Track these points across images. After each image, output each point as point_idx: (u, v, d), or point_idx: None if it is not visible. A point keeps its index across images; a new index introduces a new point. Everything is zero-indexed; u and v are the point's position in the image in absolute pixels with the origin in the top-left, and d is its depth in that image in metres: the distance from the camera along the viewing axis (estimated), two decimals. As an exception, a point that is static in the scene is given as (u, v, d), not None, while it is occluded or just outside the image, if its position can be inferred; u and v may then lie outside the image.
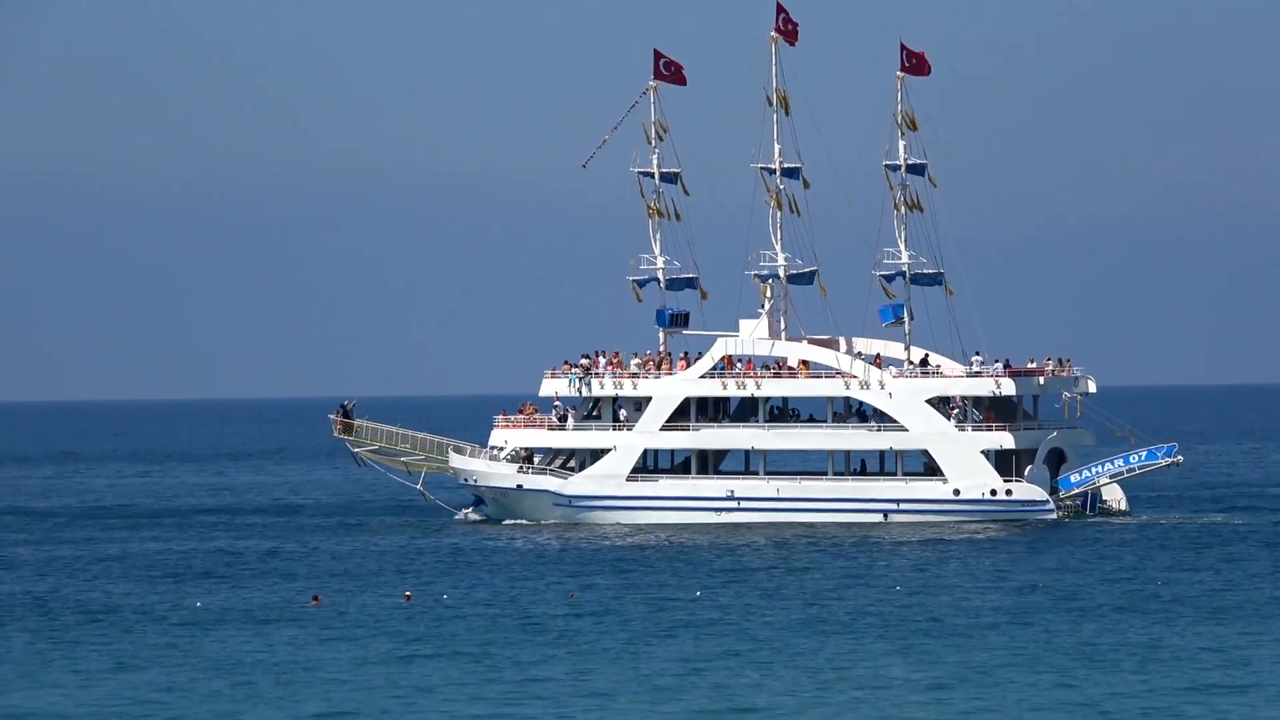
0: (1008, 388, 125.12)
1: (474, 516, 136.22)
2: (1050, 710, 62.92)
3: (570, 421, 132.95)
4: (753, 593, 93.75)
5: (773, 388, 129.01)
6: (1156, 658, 72.21)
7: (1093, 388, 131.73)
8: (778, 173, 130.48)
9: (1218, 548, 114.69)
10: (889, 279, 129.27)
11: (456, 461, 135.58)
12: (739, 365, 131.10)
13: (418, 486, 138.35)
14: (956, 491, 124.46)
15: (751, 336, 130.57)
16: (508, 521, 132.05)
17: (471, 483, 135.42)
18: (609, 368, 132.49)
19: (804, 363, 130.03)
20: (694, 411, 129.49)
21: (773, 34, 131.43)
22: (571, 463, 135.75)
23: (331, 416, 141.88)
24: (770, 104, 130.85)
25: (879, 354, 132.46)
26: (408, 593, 60.42)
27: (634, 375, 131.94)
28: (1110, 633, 78.51)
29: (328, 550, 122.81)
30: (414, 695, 68.44)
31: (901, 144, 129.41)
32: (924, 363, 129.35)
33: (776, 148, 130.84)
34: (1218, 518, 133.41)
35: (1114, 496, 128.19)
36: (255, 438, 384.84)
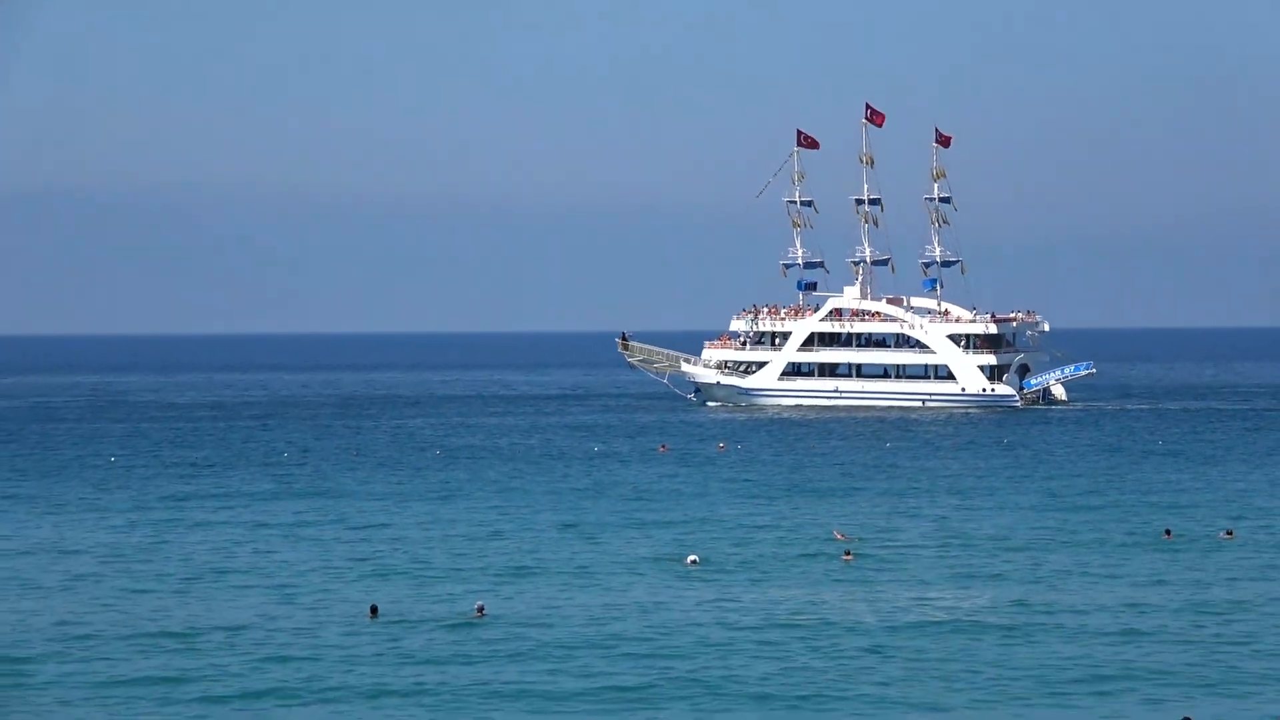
0: (993, 328, 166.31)
1: (694, 399, 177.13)
2: (1014, 494, 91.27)
3: (747, 345, 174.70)
4: (842, 445, 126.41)
5: (861, 327, 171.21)
6: (1060, 458, 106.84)
7: (1047, 327, 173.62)
8: (865, 202, 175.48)
9: (1113, 418, 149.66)
10: (927, 265, 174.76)
11: (685, 367, 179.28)
12: (844, 314, 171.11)
13: (664, 381, 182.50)
14: (963, 389, 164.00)
15: (850, 297, 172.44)
16: (710, 403, 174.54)
17: (692, 380, 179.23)
18: (769, 314, 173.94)
19: (878, 313, 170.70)
20: (816, 341, 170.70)
21: (864, 120, 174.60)
22: (747, 369, 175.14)
23: (617, 340, 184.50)
24: (862, 162, 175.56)
25: (928, 310, 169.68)
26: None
27: (782, 319, 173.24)
28: (1044, 459, 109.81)
29: (614, 417, 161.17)
30: (660, 480, 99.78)
31: (935, 186, 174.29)
32: (946, 314, 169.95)
33: (865, 187, 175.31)
34: (1115, 405, 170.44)
35: (1058, 392, 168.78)
36: (585, 353, 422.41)
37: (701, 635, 53.09)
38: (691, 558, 67.76)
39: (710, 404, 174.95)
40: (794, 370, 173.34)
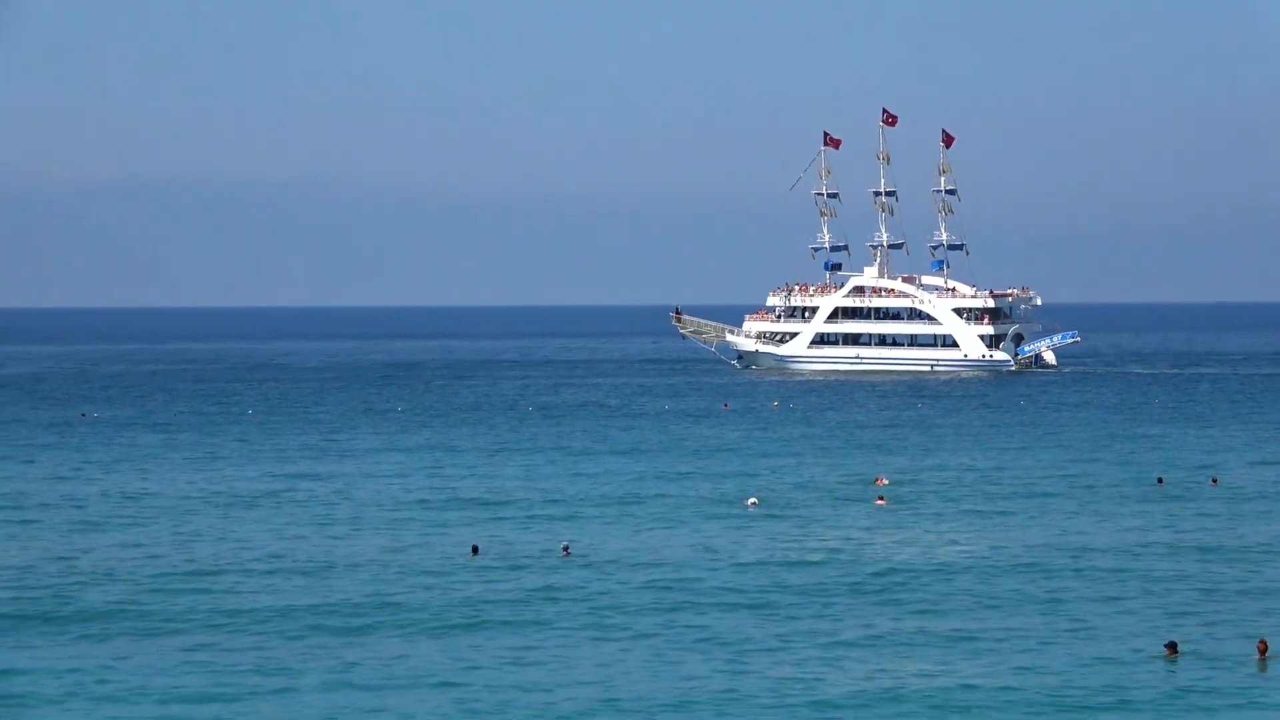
0: (991, 302, 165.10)
1: (737, 365, 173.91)
2: (1009, 429, 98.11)
3: (781, 318, 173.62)
4: (863, 404, 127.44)
5: (879, 302, 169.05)
6: (1065, 416, 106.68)
7: (1039, 301, 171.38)
8: (882, 194, 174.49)
9: (1101, 380, 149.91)
10: (935, 248, 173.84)
11: (729, 337, 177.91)
12: (865, 291, 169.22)
13: (712, 350, 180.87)
14: (966, 356, 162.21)
15: (870, 276, 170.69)
16: (752, 368, 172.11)
17: (735, 348, 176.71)
18: (800, 291, 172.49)
19: (894, 290, 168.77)
20: (841, 314, 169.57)
21: (880, 122, 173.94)
22: (781, 338, 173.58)
23: (671, 314, 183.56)
24: (879, 159, 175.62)
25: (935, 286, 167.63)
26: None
27: (811, 295, 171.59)
28: (1051, 417, 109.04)
29: (679, 380, 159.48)
30: (710, 430, 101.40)
31: (941, 179, 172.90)
32: (952, 290, 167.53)
33: (882, 181, 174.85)
34: (1102, 369, 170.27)
35: (1049, 357, 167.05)
36: (644, 324, 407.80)
37: (759, 568, 52.14)
38: (751, 500, 66.58)
39: (752, 369, 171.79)
40: (821, 340, 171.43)
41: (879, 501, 67.45)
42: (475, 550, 55.32)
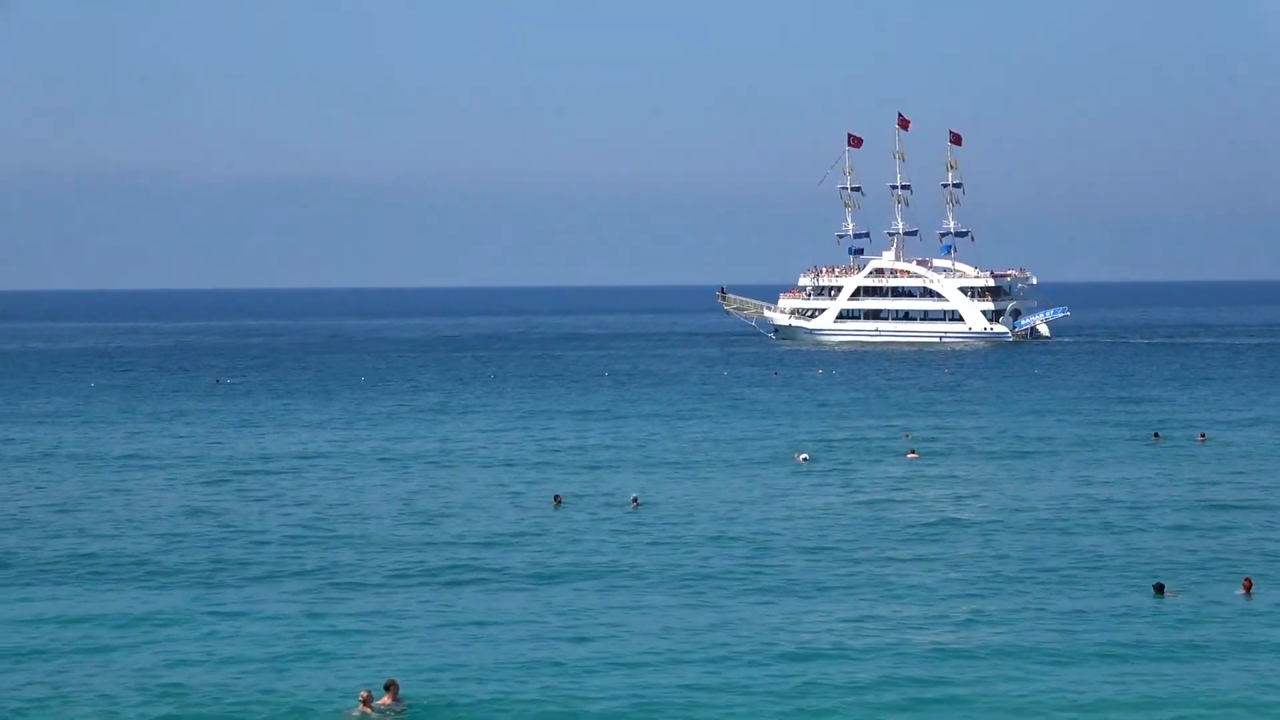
0: (992, 282, 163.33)
1: (773, 338, 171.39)
2: (1025, 392, 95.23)
3: (811, 296, 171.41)
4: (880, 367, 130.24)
5: (895, 282, 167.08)
6: (1069, 380, 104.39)
7: (1035, 281, 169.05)
8: (899, 187, 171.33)
9: (1091, 350, 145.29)
10: (944, 235, 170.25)
11: (766, 313, 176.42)
12: (883, 272, 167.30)
13: (752, 324, 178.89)
14: (970, 329, 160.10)
15: (888, 260, 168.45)
16: (785, 340, 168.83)
17: (771, 322, 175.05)
18: (827, 272, 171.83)
19: (908, 271, 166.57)
20: (862, 293, 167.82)
21: (896, 125, 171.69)
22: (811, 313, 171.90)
23: (717, 293, 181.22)
24: (895, 157, 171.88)
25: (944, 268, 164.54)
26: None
27: (836, 276, 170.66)
28: (1056, 381, 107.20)
29: (737, 350, 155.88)
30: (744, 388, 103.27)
31: (949, 174, 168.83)
32: (959, 272, 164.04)
33: (898, 176, 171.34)
34: (1091, 340, 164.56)
35: (1043, 329, 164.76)
36: (691, 301, 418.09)
37: (808, 514, 50.93)
38: (803, 455, 65.02)
39: (785, 341, 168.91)
40: (845, 315, 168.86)
41: (911, 455, 65.88)
42: (558, 500, 53.98)
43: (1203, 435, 71.78)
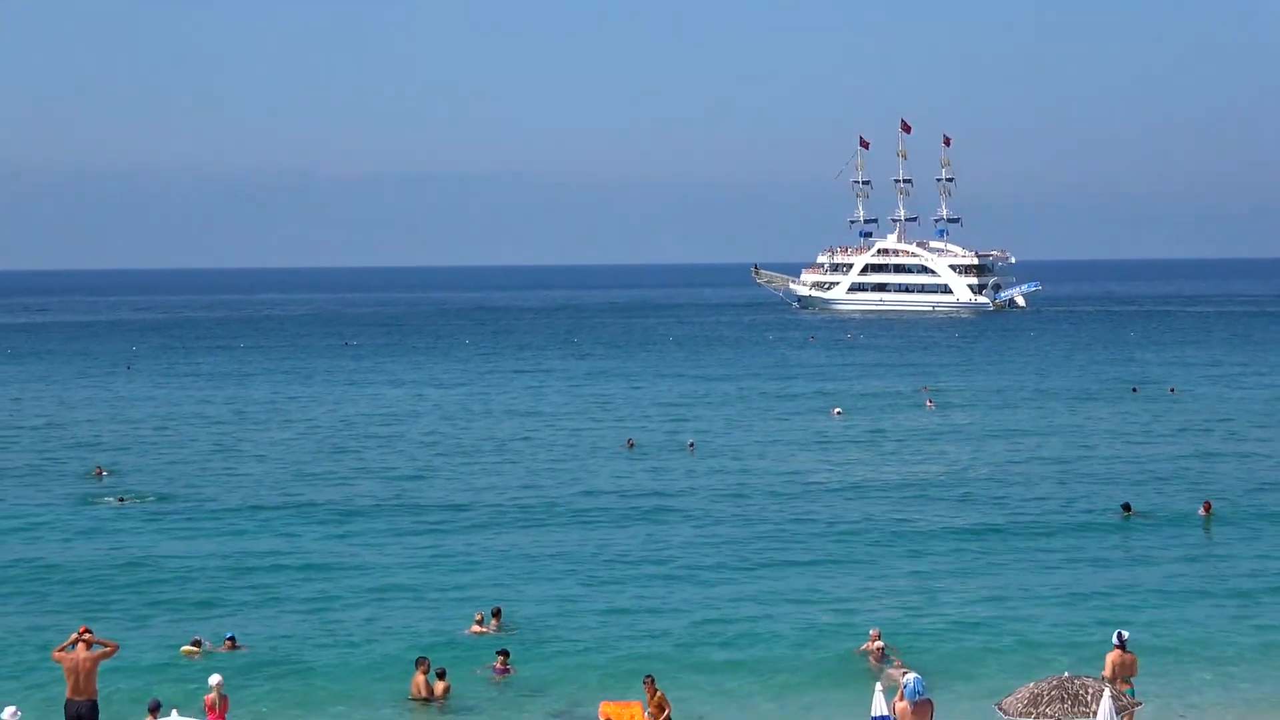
0: (976, 260, 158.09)
1: (797, 307, 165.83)
2: (1021, 353, 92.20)
3: (827, 271, 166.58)
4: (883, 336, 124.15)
5: (897, 260, 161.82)
6: (1048, 344, 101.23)
7: (1013, 259, 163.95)
8: (901, 181, 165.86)
9: (1060, 319, 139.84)
10: (938, 221, 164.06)
11: (791, 285, 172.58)
12: (888, 252, 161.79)
13: (780, 295, 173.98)
14: (958, 300, 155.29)
15: (891, 242, 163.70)
16: (807, 309, 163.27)
17: (795, 293, 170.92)
18: (840, 251, 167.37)
19: (909, 251, 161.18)
20: (870, 269, 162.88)
21: (899, 129, 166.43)
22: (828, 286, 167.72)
23: (752, 269, 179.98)
24: (898, 155, 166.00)
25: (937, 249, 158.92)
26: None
27: (848, 255, 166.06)
28: (1019, 334, 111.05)
29: (776, 317, 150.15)
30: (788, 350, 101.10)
31: (943, 170, 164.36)
32: (950, 252, 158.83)
33: (901, 172, 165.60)
34: (1060, 307, 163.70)
35: (1020, 300, 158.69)
36: (727, 277, 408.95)
37: (847, 463, 48.42)
38: (837, 409, 62.62)
39: (807, 309, 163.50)
40: (856, 288, 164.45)
41: (928, 404, 64.42)
42: (630, 444, 52.30)
43: (1173, 389, 69.56)
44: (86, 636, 19.57)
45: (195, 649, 25.68)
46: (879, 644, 24.71)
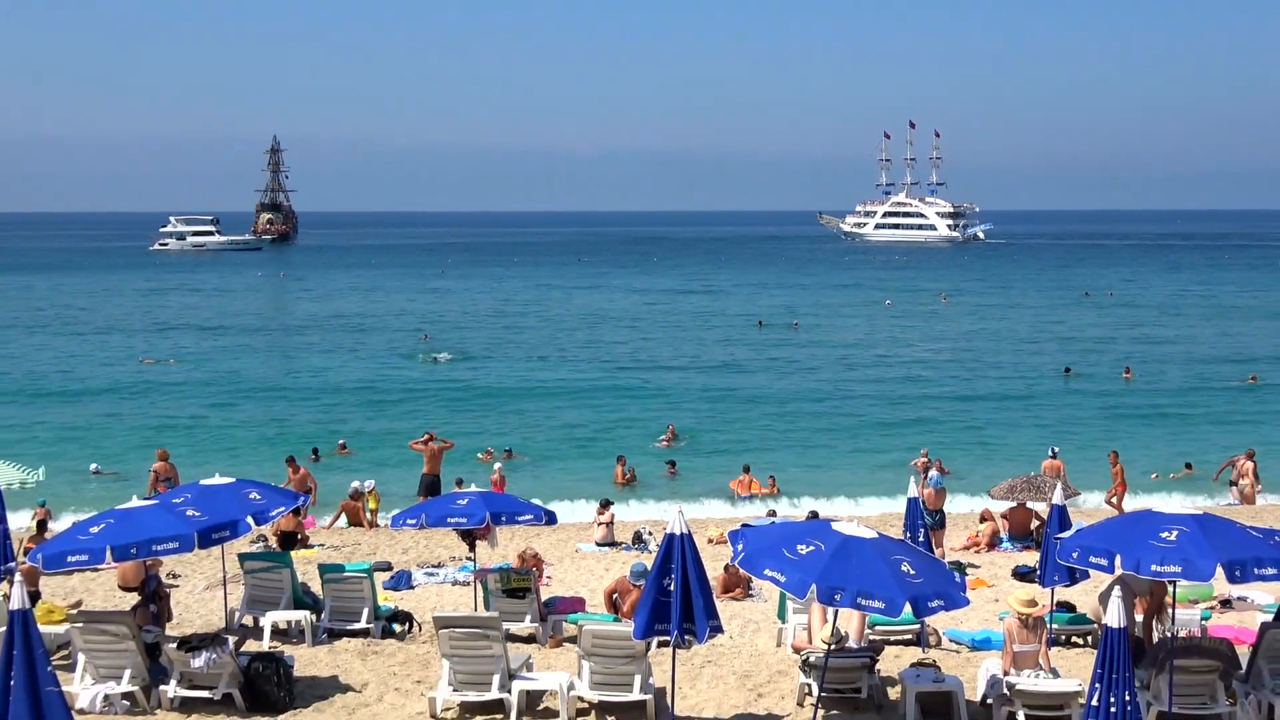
0: (952, 209, 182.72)
1: (844, 239, 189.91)
2: (973, 281, 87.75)
3: (861, 216, 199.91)
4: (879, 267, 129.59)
5: (904, 209, 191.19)
6: (996, 259, 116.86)
7: (978, 209, 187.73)
8: (908, 159, 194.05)
9: (1031, 252, 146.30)
10: (929, 184, 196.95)
11: (841, 225, 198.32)
12: (900, 205, 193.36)
13: (834, 231, 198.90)
14: (941, 235, 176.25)
15: (901, 198, 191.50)
16: (849, 239, 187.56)
17: (842, 230, 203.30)
18: (870, 204, 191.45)
19: (910, 203, 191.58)
20: (887, 215, 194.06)
21: (908, 125, 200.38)
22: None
23: (818, 215, 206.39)
24: (907, 143, 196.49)
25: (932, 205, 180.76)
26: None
27: (874, 206, 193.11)
28: (980, 255, 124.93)
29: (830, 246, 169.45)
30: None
31: (934, 151, 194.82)
32: (937, 203, 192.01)
33: (908, 152, 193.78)
34: (1009, 241, 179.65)
35: (981, 235, 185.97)
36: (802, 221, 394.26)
37: (891, 339, 50.63)
38: (888, 300, 66.31)
39: (849, 239, 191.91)
40: (879, 227, 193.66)
41: (943, 300, 66.84)
42: (760, 324, 55.74)
43: (1110, 293, 72.02)
44: (431, 434, 21.31)
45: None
46: (925, 459, 25.97)
